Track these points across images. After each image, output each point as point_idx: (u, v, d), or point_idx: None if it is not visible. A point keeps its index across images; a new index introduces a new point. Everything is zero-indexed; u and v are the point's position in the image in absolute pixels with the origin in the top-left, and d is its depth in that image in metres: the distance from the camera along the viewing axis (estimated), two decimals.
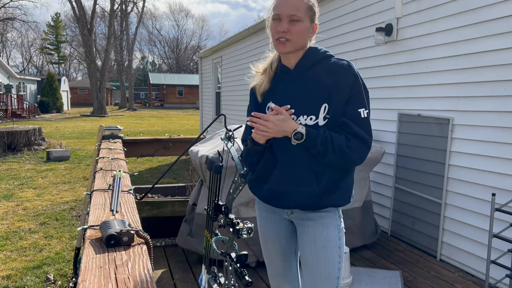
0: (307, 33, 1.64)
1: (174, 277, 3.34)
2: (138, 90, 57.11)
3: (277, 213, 1.81)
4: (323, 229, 1.68)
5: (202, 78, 13.17)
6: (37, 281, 3.71)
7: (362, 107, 1.61)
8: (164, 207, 3.94)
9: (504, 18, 3.17)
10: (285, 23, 1.59)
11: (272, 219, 1.83)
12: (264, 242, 1.89)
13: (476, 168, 3.47)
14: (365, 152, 1.59)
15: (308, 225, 1.71)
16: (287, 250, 1.86)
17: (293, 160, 1.65)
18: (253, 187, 1.81)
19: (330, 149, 1.55)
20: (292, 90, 1.66)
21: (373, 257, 3.82)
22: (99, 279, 1.00)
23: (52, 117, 28.07)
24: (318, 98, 1.61)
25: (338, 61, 1.65)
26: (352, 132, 1.57)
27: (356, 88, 1.60)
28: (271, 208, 1.80)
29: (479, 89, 3.43)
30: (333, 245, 1.68)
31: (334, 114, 1.59)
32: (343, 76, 1.60)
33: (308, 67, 1.66)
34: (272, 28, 1.64)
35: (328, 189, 1.64)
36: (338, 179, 1.66)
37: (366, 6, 4.78)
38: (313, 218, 1.70)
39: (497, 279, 3.08)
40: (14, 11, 48.81)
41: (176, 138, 4.89)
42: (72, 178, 8.26)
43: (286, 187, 1.68)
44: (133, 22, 56.08)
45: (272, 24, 1.65)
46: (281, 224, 1.82)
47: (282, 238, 1.84)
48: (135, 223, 1.46)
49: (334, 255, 1.68)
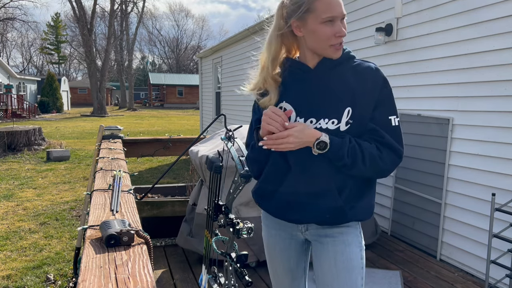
0: None
1: (174, 277, 3.34)
2: (138, 90, 57.12)
3: (287, 231, 1.60)
4: (345, 247, 1.49)
5: (202, 78, 13.17)
6: (37, 281, 3.71)
7: (393, 114, 1.46)
8: (164, 207, 3.95)
9: (504, 18, 3.17)
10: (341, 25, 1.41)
11: (281, 237, 1.63)
12: (271, 260, 1.71)
13: (476, 168, 3.46)
14: (396, 164, 1.44)
15: (326, 242, 1.51)
16: (295, 270, 1.68)
17: (309, 167, 1.46)
18: (261, 198, 1.60)
19: (360, 160, 1.39)
20: (313, 91, 1.48)
21: (373, 257, 3.82)
22: (99, 279, 1.00)
23: (52, 117, 28.07)
24: (342, 100, 1.44)
25: (363, 62, 1.50)
26: (383, 142, 1.42)
27: (386, 93, 1.46)
28: (280, 224, 1.59)
29: (479, 89, 3.43)
30: (356, 265, 1.49)
31: (360, 119, 1.43)
32: (371, 78, 1.45)
33: (331, 66, 1.48)
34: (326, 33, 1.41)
35: (351, 201, 1.46)
36: (361, 190, 1.49)
37: (366, 6, 4.78)
38: (332, 234, 1.51)
39: (497, 279, 3.08)
40: (14, 11, 48.78)
41: (176, 138, 4.89)
42: (72, 178, 8.26)
43: (302, 198, 1.48)
44: (133, 22, 56.03)
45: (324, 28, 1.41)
46: (291, 243, 1.63)
47: (291, 259, 1.65)
48: (135, 223, 1.46)
49: (357, 276, 1.49)
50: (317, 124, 1.44)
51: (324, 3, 1.39)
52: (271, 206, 1.56)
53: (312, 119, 1.45)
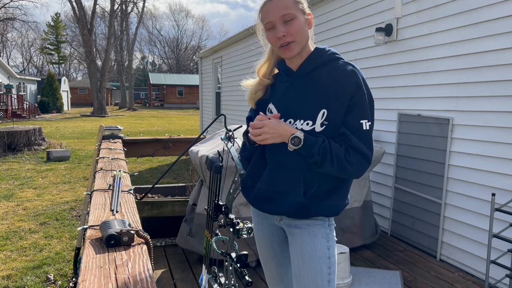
0: (305, 26, 1.54)
1: (174, 277, 3.34)
2: (138, 90, 57.12)
3: (268, 218, 1.74)
4: (310, 237, 1.58)
5: (202, 78, 13.17)
6: (37, 281, 3.71)
7: (365, 118, 1.50)
8: (164, 207, 3.95)
9: (504, 18, 3.17)
10: (281, 27, 1.50)
11: (263, 224, 1.77)
12: (259, 247, 1.86)
13: (476, 168, 3.47)
14: (364, 167, 1.50)
15: (295, 233, 1.62)
16: (280, 255, 1.80)
17: (282, 164, 1.58)
18: (244, 189, 1.75)
19: (328, 160, 1.46)
20: (292, 93, 1.59)
21: (373, 257, 3.82)
22: (99, 279, 1.00)
23: (52, 117, 28.07)
24: (317, 103, 1.51)
25: (343, 65, 1.54)
26: (351, 145, 1.48)
27: (359, 97, 1.49)
28: (261, 212, 1.74)
29: (479, 89, 3.43)
30: (320, 255, 1.57)
31: (333, 121, 1.50)
32: (344, 82, 1.50)
33: (310, 70, 1.57)
34: (271, 39, 1.55)
35: (316, 198, 1.55)
36: (330, 188, 1.57)
37: (366, 6, 4.78)
38: (300, 225, 1.61)
39: (497, 279, 3.08)
40: (14, 11, 48.87)
41: (176, 138, 4.89)
42: (72, 178, 8.26)
43: (273, 192, 1.61)
44: (133, 22, 56.18)
45: (268, 35, 1.56)
46: (273, 229, 1.76)
47: (275, 244, 1.78)
48: (135, 223, 1.46)
49: (322, 266, 1.57)
50: (293, 125, 1.55)
51: (263, 12, 1.55)
52: (250, 197, 1.72)
53: (290, 120, 1.56)
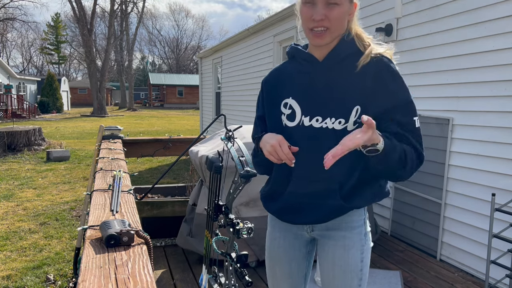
0: (346, 17, 1.33)
1: (174, 277, 3.34)
2: (138, 90, 57.13)
3: (292, 231, 1.56)
4: (344, 251, 1.45)
5: (202, 78, 13.18)
6: (37, 281, 3.71)
7: (416, 115, 1.34)
8: (164, 207, 3.95)
9: (504, 18, 3.17)
10: (321, 8, 1.27)
11: (286, 237, 1.57)
12: (273, 264, 1.63)
13: (476, 168, 3.46)
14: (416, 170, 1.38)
15: (329, 245, 1.48)
16: (295, 275, 1.61)
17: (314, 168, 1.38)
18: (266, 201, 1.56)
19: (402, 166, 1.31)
20: (318, 87, 1.37)
21: (373, 257, 3.82)
22: (99, 279, 1.00)
23: (52, 117, 28.07)
24: (350, 98, 1.32)
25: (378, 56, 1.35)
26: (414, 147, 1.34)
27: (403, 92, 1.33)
28: (286, 225, 1.55)
29: (479, 89, 3.43)
30: (353, 269, 1.45)
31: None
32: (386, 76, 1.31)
33: (340, 59, 1.35)
34: (304, 14, 1.31)
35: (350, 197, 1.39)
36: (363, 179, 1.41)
37: (366, 6, 4.78)
38: (335, 237, 1.46)
39: (497, 279, 3.08)
40: (14, 11, 48.83)
41: (176, 138, 4.89)
42: (72, 178, 8.26)
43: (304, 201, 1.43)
44: (133, 22, 56.09)
45: (303, 9, 1.31)
46: (295, 244, 1.57)
47: (293, 261, 1.59)
48: (135, 223, 1.46)
49: (353, 279, 1.46)
50: (323, 123, 1.35)
51: None
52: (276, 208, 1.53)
53: (318, 118, 1.36)
